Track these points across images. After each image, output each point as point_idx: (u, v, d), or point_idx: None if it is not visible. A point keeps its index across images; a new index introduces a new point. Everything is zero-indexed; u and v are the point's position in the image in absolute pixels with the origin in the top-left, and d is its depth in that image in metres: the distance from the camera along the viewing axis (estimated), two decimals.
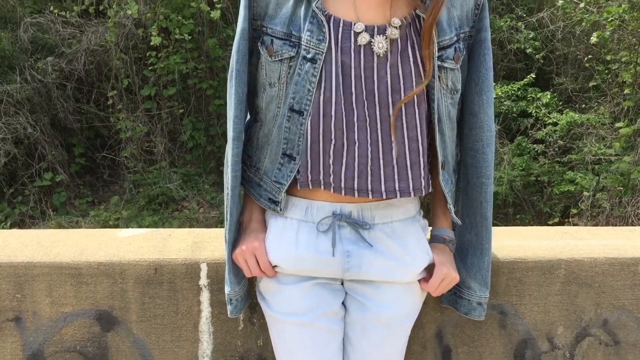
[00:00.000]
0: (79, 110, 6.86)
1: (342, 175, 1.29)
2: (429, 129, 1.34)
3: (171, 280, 1.59)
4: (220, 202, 6.27)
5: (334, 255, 1.34)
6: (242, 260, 1.38)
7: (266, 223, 1.43)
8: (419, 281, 1.42)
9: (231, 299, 1.44)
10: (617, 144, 5.81)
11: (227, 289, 1.43)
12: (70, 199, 6.52)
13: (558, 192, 5.81)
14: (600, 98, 6.64)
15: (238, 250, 1.39)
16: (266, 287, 1.43)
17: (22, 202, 6.23)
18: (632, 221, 5.34)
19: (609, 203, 5.53)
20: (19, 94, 6.19)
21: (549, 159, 6.21)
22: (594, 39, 5.96)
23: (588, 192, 5.62)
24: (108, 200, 6.53)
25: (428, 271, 1.43)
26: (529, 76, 6.61)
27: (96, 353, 1.62)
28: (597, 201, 5.64)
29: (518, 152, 6.20)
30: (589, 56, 6.82)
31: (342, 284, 1.43)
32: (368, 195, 1.30)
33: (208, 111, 7.04)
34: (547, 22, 6.93)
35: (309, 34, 1.25)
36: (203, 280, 1.59)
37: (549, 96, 6.48)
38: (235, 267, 1.43)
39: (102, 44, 6.54)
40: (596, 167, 5.89)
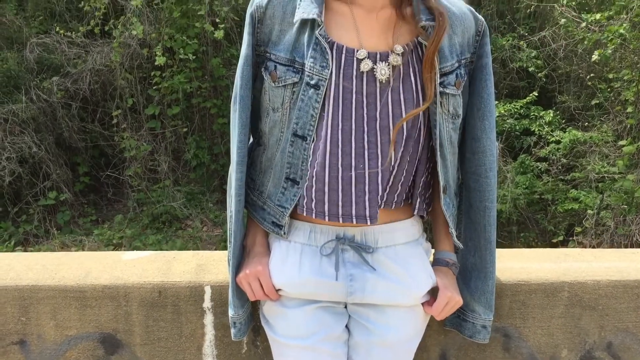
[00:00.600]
0: (84, 129, 6.90)
1: (339, 201, 1.30)
2: (431, 154, 1.35)
3: (175, 303, 1.59)
4: (223, 221, 6.27)
5: (338, 279, 1.35)
6: (246, 284, 1.39)
7: (270, 246, 1.44)
8: (423, 304, 1.42)
9: (235, 322, 1.44)
10: (621, 162, 5.81)
11: (231, 312, 1.44)
12: (74, 218, 6.54)
13: (562, 210, 5.80)
14: (603, 116, 6.65)
15: (242, 274, 1.39)
16: (270, 311, 1.43)
17: (26, 221, 6.25)
18: (637, 240, 5.33)
19: (613, 221, 5.52)
20: (25, 114, 6.23)
21: (553, 177, 6.20)
22: (595, 57, 5.99)
23: (592, 211, 5.61)
24: (112, 219, 6.54)
25: (431, 294, 1.43)
26: (532, 94, 6.62)
27: None
28: (602, 219, 5.62)
29: (521, 170, 6.20)
30: (591, 74, 6.84)
31: (346, 307, 1.43)
32: (367, 221, 1.31)
33: (212, 130, 7.07)
34: (549, 41, 6.96)
35: (313, 61, 1.27)
36: (207, 302, 1.59)
37: (552, 114, 6.49)
38: (238, 290, 1.43)
39: (107, 64, 6.60)
40: (600, 185, 5.88)
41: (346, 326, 1.43)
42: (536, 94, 6.64)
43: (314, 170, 1.30)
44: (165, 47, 6.34)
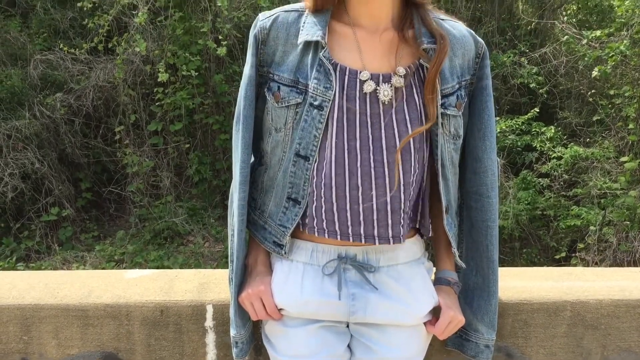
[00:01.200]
0: (87, 145, 6.93)
1: (348, 221, 1.31)
2: (432, 175, 1.36)
3: (177, 322, 1.59)
4: (225, 237, 6.27)
5: (340, 298, 1.35)
6: (249, 303, 1.39)
7: (272, 266, 1.44)
8: (425, 324, 1.42)
9: (237, 342, 1.44)
10: (623, 178, 5.81)
11: (233, 332, 1.44)
12: (76, 234, 6.54)
13: (564, 227, 5.79)
14: (604, 132, 6.66)
15: (244, 293, 1.39)
16: (272, 330, 1.43)
17: (28, 237, 6.25)
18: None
19: (616, 238, 5.51)
20: (28, 130, 6.26)
21: (555, 193, 6.20)
22: (596, 73, 6.01)
23: (594, 227, 5.60)
24: (114, 234, 6.54)
25: (433, 313, 1.43)
26: (533, 110, 6.64)
27: None
28: (604, 236, 5.61)
29: (523, 186, 6.20)
30: (592, 91, 6.87)
31: (348, 327, 1.43)
32: (375, 241, 1.32)
33: (214, 146, 7.10)
34: (550, 57, 7.00)
35: (316, 82, 1.28)
36: (209, 322, 1.59)
37: (553, 130, 6.50)
38: (240, 310, 1.43)
39: (110, 80, 6.64)
40: (602, 201, 5.87)
41: (348, 346, 1.43)
42: (537, 110, 6.66)
43: (321, 190, 1.30)
44: (168, 64, 6.38)
